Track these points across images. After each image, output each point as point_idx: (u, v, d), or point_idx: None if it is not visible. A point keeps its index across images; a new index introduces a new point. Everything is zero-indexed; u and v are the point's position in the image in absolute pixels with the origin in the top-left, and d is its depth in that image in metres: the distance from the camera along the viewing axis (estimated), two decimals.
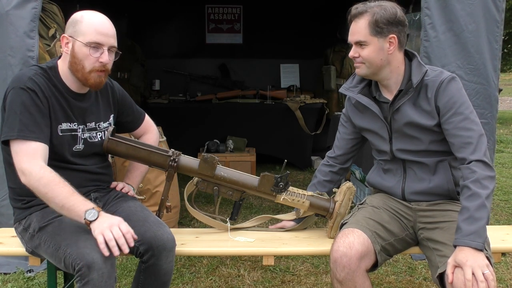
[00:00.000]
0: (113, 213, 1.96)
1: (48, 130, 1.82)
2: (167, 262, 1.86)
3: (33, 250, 1.89)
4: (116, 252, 1.63)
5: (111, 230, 1.64)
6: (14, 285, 2.76)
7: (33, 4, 2.77)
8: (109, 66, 1.89)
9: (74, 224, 1.79)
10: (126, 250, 1.65)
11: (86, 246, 1.67)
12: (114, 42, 1.87)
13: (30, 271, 2.87)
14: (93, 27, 1.82)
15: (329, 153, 2.24)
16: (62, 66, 1.90)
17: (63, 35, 1.86)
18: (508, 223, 3.87)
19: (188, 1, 5.80)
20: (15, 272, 2.88)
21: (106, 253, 1.62)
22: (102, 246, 1.62)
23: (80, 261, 1.64)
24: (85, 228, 1.78)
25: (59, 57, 1.95)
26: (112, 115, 2.07)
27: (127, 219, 1.90)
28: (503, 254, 2.21)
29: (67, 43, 1.85)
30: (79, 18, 1.84)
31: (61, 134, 1.86)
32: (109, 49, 1.85)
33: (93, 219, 1.65)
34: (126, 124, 2.16)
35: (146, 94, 5.70)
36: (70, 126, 1.89)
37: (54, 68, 1.90)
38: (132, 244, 1.67)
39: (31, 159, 1.74)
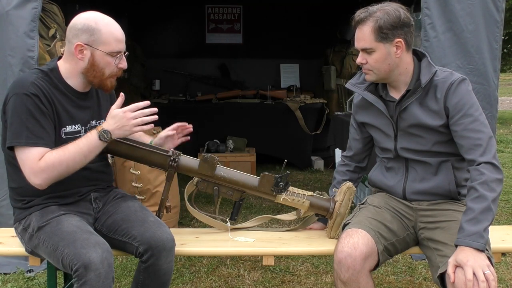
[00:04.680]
0: (112, 213, 1.97)
1: (53, 134, 1.83)
2: (167, 262, 1.86)
3: (32, 250, 1.89)
4: (147, 119, 1.84)
5: (133, 119, 1.82)
6: (14, 285, 2.76)
7: (33, 4, 2.77)
8: None
9: (72, 224, 1.80)
10: (151, 124, 1.86)
11: (83, 246, 1.68)
12: (125, 46, 1.92)
13: (30, 271, 2.87)
14: (112, 36, 1.85)
15: (344, 153, 2.26)
16: (65, 67, 1.90)
17: (78, 42, 1.83)
18: (508, 223, 3.87)
19: (188, 1, 5.81)
20: (15, 272, 2.88)
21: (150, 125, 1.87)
22: (145, 126, 1.84)
23: (77, 261, 1.65)
24: (82, 228, 1.78)
25: (59, 58, 1.95)
26: None
27: (126, 219, 1.91)
28: (503, 254, 2.20)
29: (82, 50, 1.84)
30: (94, 25, 1.83)
31: (64, 137, 1.87)
32: (124, 53, 1.91)
33: (108, 137, 1.80)
34: None
35: (146, 94, 5.70)
36: (74, 129, 1.90)
37: (55, 70, 1.90)
38: (151, 111, 1.86)
39: (36, 162, 1.77)
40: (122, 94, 1.87)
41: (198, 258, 3.05)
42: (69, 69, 1.89)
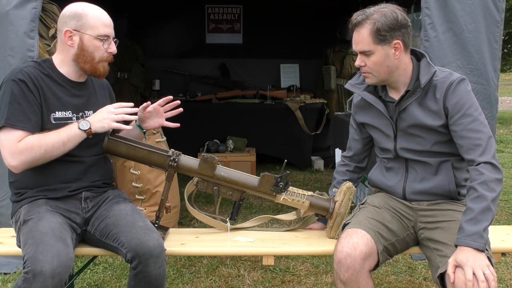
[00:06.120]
0: (105, 217, 1.94)
1: (37, 119, 1.86)
2: (156, 268, 1.81)
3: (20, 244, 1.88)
4: (128, 117, 1.90)
5: (114, 114, 1.86)
6: None
7: (33, 4, 2.77)
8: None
9: (48, 225, 1.76)
10: (133, 117, 1.94)
11: (43, 252, 1.63)
12: (113, 32, 1.98)
13: None
14: (99, 20, 1.92)
15: (344, 154, 2.27)
16: (58, 58, 1.97)
17: (67, 29, 1.90)
18: (508, 223, 3.87)
19: (188, 1, 5.80)
20: (15, 272, 2.88)
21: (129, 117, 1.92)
22: (125, 126, 1.88)
23: (30, 265, 1.61)
24: (55, 232, 1.73)
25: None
26: None
27: (116, 224, 1.88)
28: (503, 254, 2.20)
29: (71, 36, 1.91)
30: (81, 11, 1.91)
31: (54, 122, 1.90)
32: (113, 39, 1.96)
33: (87, 126, 1.84)
34: None
35: (146, 94, 5.70)
36: (64, 115, 1.93)
37: (48, 61, 1.97)
38: (132, 110, 1.91)
39: (15, 144, 1.81)
40: None
41: (198, 258, 3.05)
42: (62, 58, 1.96)
